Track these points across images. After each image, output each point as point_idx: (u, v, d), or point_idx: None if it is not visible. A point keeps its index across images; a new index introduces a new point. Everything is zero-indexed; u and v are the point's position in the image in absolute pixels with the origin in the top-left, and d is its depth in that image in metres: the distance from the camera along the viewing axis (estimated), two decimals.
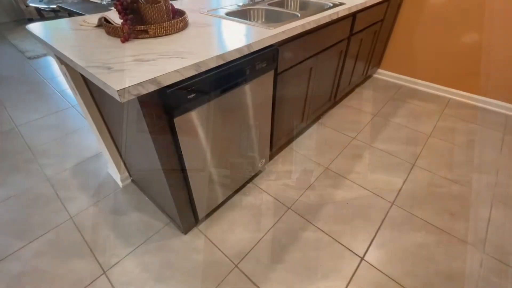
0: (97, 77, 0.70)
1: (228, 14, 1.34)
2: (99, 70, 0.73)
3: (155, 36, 1.00)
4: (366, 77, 2.65)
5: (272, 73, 1.17)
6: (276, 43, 1.10)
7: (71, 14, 2.27)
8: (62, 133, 1.92)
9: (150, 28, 0.97)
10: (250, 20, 1.51)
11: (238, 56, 0.93)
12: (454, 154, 1.74)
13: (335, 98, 2.04)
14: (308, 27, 1.23)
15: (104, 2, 2.56)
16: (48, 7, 3.44)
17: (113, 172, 1.51)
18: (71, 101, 2.30)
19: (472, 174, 1.59)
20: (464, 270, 1.11)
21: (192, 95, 0.84)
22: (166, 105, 0.80)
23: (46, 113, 2.14)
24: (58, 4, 3.47)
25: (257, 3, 1.56)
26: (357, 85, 2.54)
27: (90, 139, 1.85)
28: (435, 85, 2.41)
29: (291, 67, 1.30)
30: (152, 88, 0.71)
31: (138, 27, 0.97)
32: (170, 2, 1.19)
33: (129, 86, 0.66)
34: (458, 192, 1.47)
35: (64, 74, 1.11)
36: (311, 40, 1.34)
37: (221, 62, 0.88)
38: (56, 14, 4.18)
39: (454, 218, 1.33)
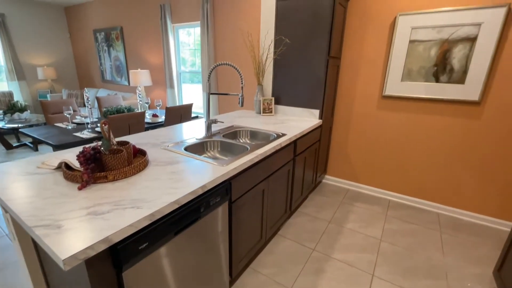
0: (44, 241, 0.70)
1: (187, 148, 1.52)
2: (47, 231, 0.73)
3: (114, 180, 1.07)
4: (316, 184, 2.94)
5: (226, 204, 1.26)
6: (228, 178, 1.25)
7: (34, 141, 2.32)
8: None
9: (109, 174, 1.05)
10: (207, 150, 1.71)
11: (193, 197, 1.02)
12: (405, 260, 1.83)
13: (290, 209, 2.17)
14: (256, 160, 1.44)
15: (69, 127, 2.71)
16: (7, 127, 3.48)
17: None
18: (5, 228, 2.05)
19: (425, 281, 1.65)
20: None
21: (144, 245, 0.85)
22: (114, 260, 0.79)
23: None
24: (20, 126, 3.54)
25: (213, 135, 1.82)
26: (310, 192, 2.77)
27: (20, 279, 1.57)
28: (374, 188, 2.75)
29: (245, 193, 1.42)
30: (102, 247, 0.72)
31: (98, 174, 1.04)
32: (132, 143, 1.34)
33: (76, 253, 0.66)
34: None
35: (6, 220, 1.06)
36: (261, 168, 1.54)
37: (176, 207, 0.95)
38: (17, 136, 4.19)
39: None
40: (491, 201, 2.22)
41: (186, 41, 3.99)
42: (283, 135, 1.86)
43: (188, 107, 3.13)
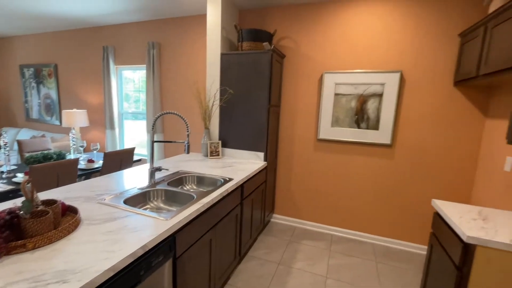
0: None
1: (127, 201, 1.43)
2: None
3: (35, 248, 0.93)
4: (265, 224, 2.98)
5: (170, 261, 1.20)
6: (173, 232, 1.20)
7: None
8: None
9: (29, 242, 0.92)
10: (150, 201, 1.64)
11: (132, 260, 0.95)
12: None
13: (240, 254, 2.13)
14: (203, 209, 1.43)
15: None
16: None
17: None
18: None
19: None
20: None
21: None
22: None
23: None
24: None
25: (158, 183, 1.76)
26: (259, 233, 2.78)
27: None
28: (318, 224, 2.93)
29: (191, 246, 1.37)
30: None
31: (14, 243, 0.90)
32: (61, 200, 1.21)
33: None
34: None
35: None
36: (208, 216, 1.53)
37: (112, 274, 0.87)
38: None
39: None
40: (409, 228, 2.58)
41: (131, 77, 3.90)
42: (230, 179, 1.90)
43: (130, 151, 2.97)
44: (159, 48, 3.40)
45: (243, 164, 2.41)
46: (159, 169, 1.79)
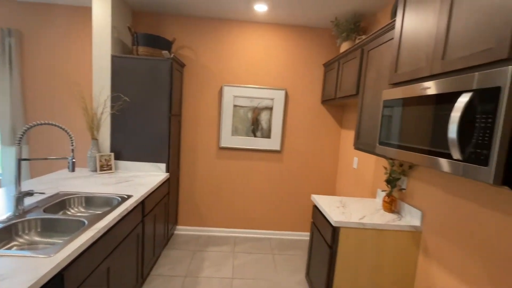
0: None
1: None
2: None
3: None
4: (169, 238, 2.85)
5: None
6: (60, 270, 1.02)
7: None
8: None
9: None
10: (19, 236, 1.29)
11: None
12: None
13: (142, 276, 1.97)
14: (98, 236, 1.26)
15: None
16: None
17: None
18: None
19: None
20: None
21: None
22: None
23: None
24: None
25: (28, 211, 1.40)
26: (163, 248, 2.64)
27: None
28: (222, 228, 3.06)
29: (83, 281, 1.19)
30: None
31: None
32: None
33: None
34: None
35: None
36: (105, 243, 1.35)
37: None
38: None
39: None
40: (296, 220, 3.10)
41: None
42: (129, 196, 1.74)
43: None
44: (20, 38, 2.68)
45: (143, 178, 2.24)
46: (30, 193, 1.43)
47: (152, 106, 2.39)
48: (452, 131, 0.91)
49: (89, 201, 1.75)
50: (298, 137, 2.98)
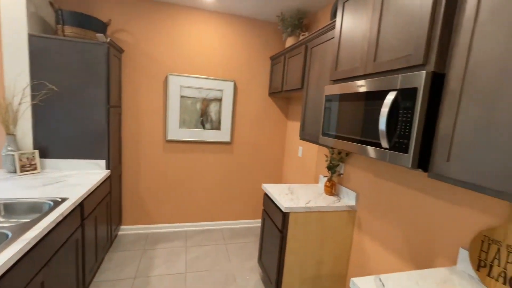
0: None
1: None
2: None
3: None
4: (113, 239, 2.63)
5: None
6: None
7: None
8: None
9: None
10: None
11: None
12: (208, 280, 2.17)
13: (84, 284, 1.79)
14: (28, 248, 1.10)
15: None
16: None
17: None
18: None
19: None
20: None
21: None
22: None
23: None
24: None
25: None
26: (107, 251, 2.42)
27: None
28: (172, 224, 2.96)
29: None
30: None
31: None
32: None
33: None
34: None
35: None
36: (37, 254, 1.18)
37: None
38: None
39: None
40: (247, 208, 3.21)
41: None
42: (64, 199, 1.54)
43: None
44: None
45: (78, 177, 2.00)
46: None
47: (86, 97, 2.11)
48: (382, 123, 1.08)
49: (10, 208, 1.49)
50: (248, 128, 3.05)
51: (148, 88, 2.67)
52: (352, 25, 1.44)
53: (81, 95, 2.11)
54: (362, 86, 1.26)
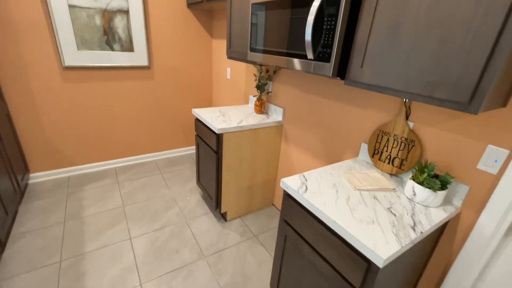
0: None
1: None
2: None
3: None
4: (23, 190, 2.27)
5: None
6: None
7: None
8: None
9: None
10: None
11: None
12: (148, 209, 2.20)
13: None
14: None
15: None
16: None
17: None
18: None
19: (167, 214, 2.15)
20: None
21: None
22: None
23: None
24: None
25: None
26: (18, 204, 2.11)
27: None
28: (97, 163, 2.71)
29: None
30: None
31: None
32: None
33: None
34: (169, 234, 1.95)
35: None
36: None
37: None
38: None
39: (179, 254, 1.78)
40: (178, 137, 3.14)
41: None
42: None
43: None
44: None
45: None
46: None
47: None
48: (308, 34, 1.07)
49: None
50: (167, 49, 2.67)
51: None
52: None
53: None
54: None
